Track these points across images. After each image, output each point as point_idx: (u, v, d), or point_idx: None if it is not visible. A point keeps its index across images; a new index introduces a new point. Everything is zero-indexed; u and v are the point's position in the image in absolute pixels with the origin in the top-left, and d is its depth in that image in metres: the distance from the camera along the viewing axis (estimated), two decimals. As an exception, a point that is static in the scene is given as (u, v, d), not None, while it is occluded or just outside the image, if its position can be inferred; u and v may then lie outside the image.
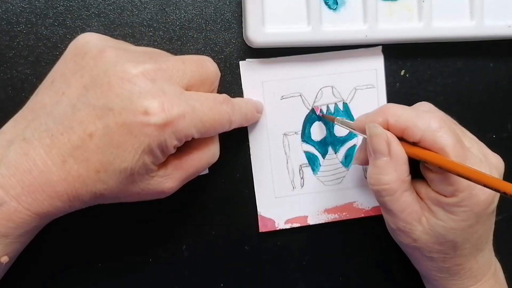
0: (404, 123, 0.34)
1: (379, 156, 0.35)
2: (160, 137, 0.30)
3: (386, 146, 0.34)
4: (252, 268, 0.42)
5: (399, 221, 0.36)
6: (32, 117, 0.30)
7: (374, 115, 0.36)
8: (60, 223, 0.39)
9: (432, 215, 0.35)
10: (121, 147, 0.29)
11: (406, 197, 0.35)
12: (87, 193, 0.30)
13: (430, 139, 0.33)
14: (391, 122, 0.35)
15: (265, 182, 0.41)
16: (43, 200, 0.29)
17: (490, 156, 0.37)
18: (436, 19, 0.41)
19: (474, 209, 0.34)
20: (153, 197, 0.33)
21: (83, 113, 0.29)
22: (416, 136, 0.34)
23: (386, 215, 0.37)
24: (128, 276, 0.40)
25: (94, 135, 0.29)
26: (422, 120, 0.34)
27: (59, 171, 0.29)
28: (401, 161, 0.34)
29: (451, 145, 0.33)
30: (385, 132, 0.35)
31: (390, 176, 0.34)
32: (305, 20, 0.39)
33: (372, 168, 0.35)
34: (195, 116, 0.31)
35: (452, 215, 0.34)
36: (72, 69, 0.31)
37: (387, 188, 0.35)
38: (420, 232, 0.36)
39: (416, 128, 0.34)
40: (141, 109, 0.29)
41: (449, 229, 0.35)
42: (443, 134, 0.33)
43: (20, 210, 0.29)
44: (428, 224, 0.35)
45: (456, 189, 0.34)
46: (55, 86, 0.31)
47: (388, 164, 0.34)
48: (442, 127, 0.34)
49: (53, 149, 0.29)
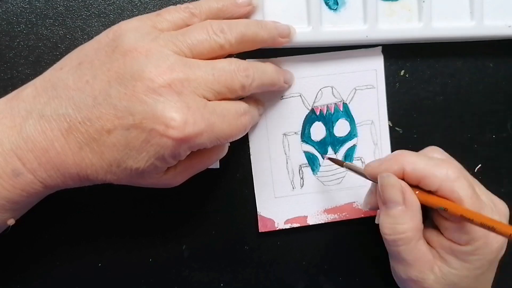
0: (422, 172, 0.34)
1: (393, 205, 0.35)
2: (175, 150, 0.30)
3: (401, 195, 0.34)
4: (252, 268, 0.42)
5: (412, 271, 0.36)
6: (53, 94, 0.30)
7: (389, 162, 0.36)
8: (60, 222, 0.39)
9: (445, 263, 0.35)
10: (136, 150, 0.30)
11: (421, 246, 0.35)
12: (97, 179, 0.32)
13: (448, 189, 0.34)
14: (407, 171, 0.35)
15: (265, 182, 0.41)
16: (56, 178, 0.31)
17: (497, 203, 0.37)
18: (436, 19, 0.41)
19: (487, 257, 0.34)
20: (161, 187, 0.35)
21: (103, 109, 0.30)
22: (434, 185, 0.34)
23: (398, 265, 0.37)
24: (128, 276, 0.40)
25: (111, 133, 0.30)
26: (440, 170, 0.34)
27: (74, 156, 0.30)
28: (416, 209, 0.35)
29: (469, 196, 0.34)
30: (399, 181, 0.35)
31: (406, 225, 0.34)
32: (305, 20, 0.39)
33: (386, 218, 0.35)
34: (213, 133, 0.31)
35: (466, 263, 0.34)
36: (101, 59, 0.31)
37: (404, 238, 0.35)
38: (432, 281, 0.35)
39: (434, 178, 0.34)
40: (163, 121, 0.29)
41: (462, 277, 0.35)
42: (460, 185, 0.34)
43: (35, 183, 0.30)
44: (441, 272, 0.35)
45: (472, 238, 0.34)
46: (81, 70, 0.31)
47: (404, 213, 0.34)
48: (460, 177, 0.34)
49: (70, 134, 0.30)
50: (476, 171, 0.44)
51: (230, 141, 0.34)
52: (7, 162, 0.29)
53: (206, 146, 0.32)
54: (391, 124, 0.43)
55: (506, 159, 0.40)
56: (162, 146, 0.30)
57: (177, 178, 0.34)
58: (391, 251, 0.37)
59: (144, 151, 0.30)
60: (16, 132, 0.30)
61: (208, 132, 0.31)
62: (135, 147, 0.30)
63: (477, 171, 0.44)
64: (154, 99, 0.29)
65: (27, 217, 0.34)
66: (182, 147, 0.30)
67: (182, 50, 0.31)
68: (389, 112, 0.43)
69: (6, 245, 0.37)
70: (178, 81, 0.30)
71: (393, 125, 0.43)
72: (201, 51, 0.32)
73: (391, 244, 0.35)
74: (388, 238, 0.35)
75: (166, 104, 0.29)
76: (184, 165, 0.34)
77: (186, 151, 0.31)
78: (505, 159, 0.40)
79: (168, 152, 0.30)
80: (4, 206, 0.30)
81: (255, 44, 0.35)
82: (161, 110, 0.29)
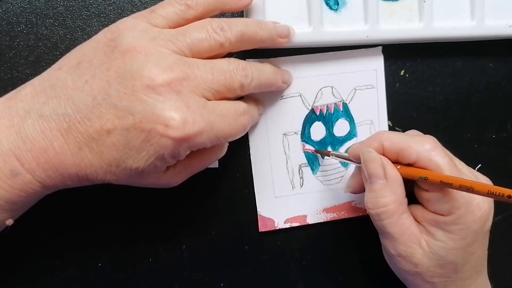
0: (399, 145, 0.36)
1: (375, 179, 0.36)
2: (175, 149, 0.30)
3: (382, 170, 0.35)
4: (252, 268, 0.42)
5: (399, 245, 0.36)
6: (52, 94, 0.30)
7: (369, 141, 0.37)
8: (60, 222, 0.39)
9: (431, 236, 0.36)
10: (136, 150, 0.30)
11: (405, 220, 0.36)
12: (96, 179, 0.31)
13: (426, 159, 0.35)
14: (386, 146, 0.36)
15: (265, 182, 0.42)
16: (55, 178, 0.31)
17: (480, 178, 0.38)
18: (437, 19, 0.41)
19: (471, 226, 0.35)
20: (160, 187, 0.35)
21: (102, 109, 0.29)
22: (411, 157, 0.35)
23: (385, 241, 0.38)
24: (128, 276, 0.40)
25: (111, 133, 0.30)
26: (416, 142, 0.36)
27: (73, 156, 0.30)
28: (397, 183, 0.36)
29: (446, 163, 0.35)
30: (380, 156, 0.36)
31: (388, 198, 0.35)
32: (306, 20, 0.39)
33: (369, 193, 0.36)
34: (212, 133, 0.31)
35: (450, 234, 0.35)
36: (100, 59, 0.31)
37: (386, 210, 0.35)
38: (420, 255, 0.36)
39: (411, 149, 0.35)
40: (162, 121, 0.29)
41: (449, 250, 0.35)
42: (437, 153, 0.35)
43: (33, 183, 0.30)
44: (428, 246, 0.36)
45: (452, 206, 0.35)
46: (80, 70, 0.31)
47: (384, 187, 0.35)
48: (436, 147, 0.35)
49: (70, 134, 0.30)
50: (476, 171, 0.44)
51: (229, 140, 0.34)
52: (5, 162, 0.29)
53: (206, 146, 0.32)
54: (391, 124, 0.43)
55: (506, 159, 0.40)
56: (162, 146, 0.30)
57: (177, 178, 0.34)
58: (377, 227, 0.37)
59: (143, 150, 0.30)
60: (15, 132, 0.30)
61: (208, 131, 0.31)
62: (135, 146, 0.30)
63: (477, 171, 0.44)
64: (153, 98, 0.29)
65: (26, 217, 0.34)
66: (182, 146, 0.30)
67: (182, 50, 0.31)
68: (389, 112, 0.43)
69: (6, 245, 0.37)
70: (177, 80, 0.30)
71: (393, 125, 0.43)
72: (200, 50, 0.32)
73: (375, 218, 0.37)
74: (371, 212, 0.36)
75: (166, 104, 0.29)
76: (183, 165, 0.34)
77: (186, 150, 0.31)
78: (505, 159, 0.40)
79: (168, 151, 0.30)
80: (2, 206, 0.30)
81: (254, 43, 0.35)
82: (161, 109, 0.29)
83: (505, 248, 0.42)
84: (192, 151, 0.32)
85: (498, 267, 0.40)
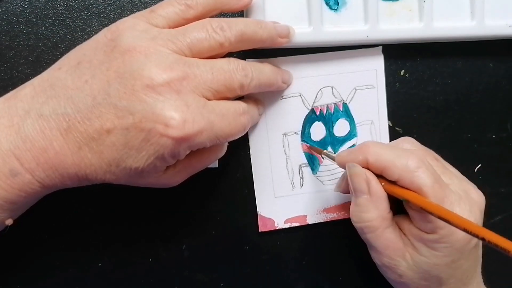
0: (383, 162, 0.35)
1: (359, 194, 0.36)
2: (175, 149, 0.30)
3: (366, 185, 0.35)
4: (252, 268, 0.42)
5: (383, 258, 0.36)
6: (51, 94, 0.30)
7: (355, 152, 0.36)
8: (60, 222, 0.39)
9: (415, 251, 0.35)
10: (136, 150, 0.30)
11: (388, 234, 0.36)
12: (96, 179, 0.31)
13: (408, 179, 0.34)
14: (370, 161, 0.35)
15: (265, 182, 0.41)
16: (54, 177, 0.31)
17: (471, 192, 0.37)
18: (437, 19, 0.41)
19: (454, 245, 0.34)
20: (160, 187, 0.35)
21: (102, 108, 0.29)
22: (394, 175, 0.35)
23: (371, 252, 0.38)
24: (128, 276, 0.40)
25: (111, 133, 0.30)
26: (400, 160, 0.34)
27: (73, 156, 0.30)
28: (381, 199, 0.35)
29: (429, 185, 0.34)
30: (364, 171, 0.36)
31: (371, 214, 0.35)
32: (306, 20, 0.39)
33: (354, 206, 0.36)
34: (212, 132, 0.31)
35: (434, 251, 0.35)
36: (99, 59, 0.31)
37: (369, 225, 0.36)
38: (404, 268, 0.36)
39: (395, 168, 0.34)
40: (162, 120, 0.29)
41: (432, 265, 0.35)
42: (420, 174, 0.34)
43: (33, 183, 0.30)
44: (412, 260, 0.36)
45: (435, 226, 0.34)
46: (80, 70, 0.31)
47: (368, 202, 0.35)
48: (420, 167, 0.34)
49: (69, 134, 0.30)
50: (476, 171, 0.45)
51: (229, 140, 0.34)
52: (5, 162, 0.29)
53: (206, 145, 0.32)
54: (391, 124, 0.43)
55: (506, 159, 0.40)
56: (161, 145, 0.30)
57: (176, 178, 0.35)
58: (363, 238, 0.37)
59: (143, 150, 0.30)
60: (14, 131, 0.30)
61: (208, 131, 0.31)
62: (135, 146, 0.30)
63: (477, 171, 0.44)
64: (153, 98, 0.29)
65: (26, 217, 0.34)
66: (181, 146, 0.30)
67: (182, 49, 0.31)
68: (389, 112, 0.43)
69: (5, 245, 0.37)
70: (177, 80, 0.30)
71: (393, 125, 0.43)
72: (200, 50, 0.32)
73: (359, 231, 0.37)
74: (355, 225, 0.37)
75: (166, 103, 0.29)
76: (183, 164, 0.34)
77: (185, 150, 0.31)
78: (505, 159, 0.40)
79: (168, 151, 0.30)
80: (2, 206, 0.30)
81: (254, 43, 0.35)
82: (161, 109, 0.29)
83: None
84: (192, 151, 0.32)
85: (498, 268, 0.40)
